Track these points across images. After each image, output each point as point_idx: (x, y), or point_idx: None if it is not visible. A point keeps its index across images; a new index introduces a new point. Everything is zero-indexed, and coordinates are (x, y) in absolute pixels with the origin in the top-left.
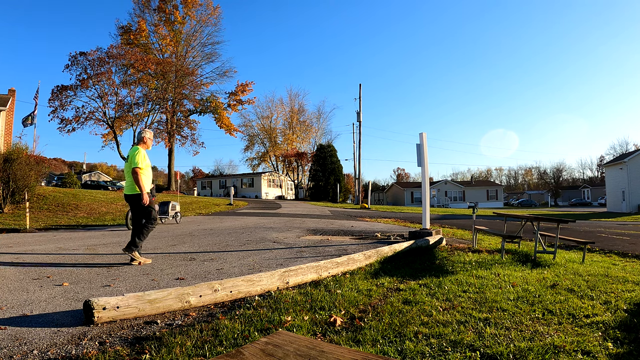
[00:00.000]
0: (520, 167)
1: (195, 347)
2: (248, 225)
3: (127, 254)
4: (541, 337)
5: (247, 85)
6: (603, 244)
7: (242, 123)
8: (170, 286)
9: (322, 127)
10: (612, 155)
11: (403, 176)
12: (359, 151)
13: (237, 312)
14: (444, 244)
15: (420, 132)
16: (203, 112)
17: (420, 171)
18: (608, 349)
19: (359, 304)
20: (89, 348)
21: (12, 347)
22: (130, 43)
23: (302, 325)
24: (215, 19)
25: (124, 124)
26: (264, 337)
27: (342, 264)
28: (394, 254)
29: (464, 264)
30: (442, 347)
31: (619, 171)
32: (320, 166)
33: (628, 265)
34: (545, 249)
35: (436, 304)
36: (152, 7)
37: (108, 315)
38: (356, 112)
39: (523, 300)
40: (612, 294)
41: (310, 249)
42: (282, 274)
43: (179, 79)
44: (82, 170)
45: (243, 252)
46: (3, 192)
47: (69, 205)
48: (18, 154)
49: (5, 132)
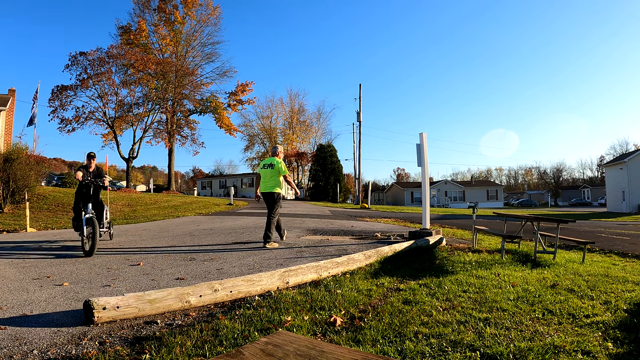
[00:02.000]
0: (520, 167)
1: (195, 347)
2: (248, 225)
3: (264, 244)
4: (541, 337)
5: (247, 85)
6: (603, 244)
7: (242, 123)
8: (170, 286)
9: (322, 127)
10: (612, 155)
11: (403, 176)
12: (359, 151)
13: (237, 312)
14: (444, 244)
15: (420, 132)
16: (203, 112)
17: (420, 171)
18: (608, 349)
19: (359, 304)
20: (89, 348)
21: (12, 347)
22: (130, 43)
23: (302, 325)
24: (215, 18)
25: (124, 124)
26: (264, 337)
27: (342, 264)
28: (394, 254)
29: (464, 264)
30: (442, 347)
31: (619, 171)
32: (320, 166)
33: (628, 265)
34: (545, 249)
35: (436, 304)
36: (152, 7)
37: (108, 315)
38: (356, 112)
39: (523, 300)
40: (612, 294)
41: (310, 248)
42: (282, 274)
43: (179, 79)
44: None
45: (243, 252)
46: (3, 192)
47: (69, 205)
48: (18, 154)
49: (5, 132)
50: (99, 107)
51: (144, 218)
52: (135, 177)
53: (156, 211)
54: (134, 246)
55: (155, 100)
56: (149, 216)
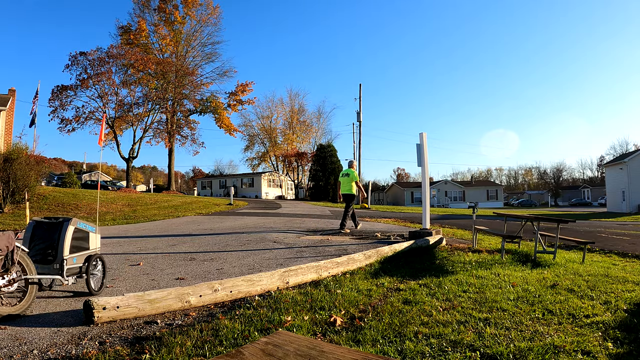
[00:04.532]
0: (520, 167)
1: (195, 347)
2: (248, 225)
3: (340, 229)
4: (541, 337)
5: (247, 85)
6: (603, 244)
7: (242, 123)
8: (170, 286)
9: (322, 127)
10: (612, 155)
11: (403, 176)
12: (359, 151)
13: (237, 312)
14: (444, 244)
15: (420, 132)
16: (203, 112)
17: (420, 171)
18: (608, 349)
19: (359, 304)
20: (89, 348)
21: (12, 346)
22: (130, 43)
23: (302, 325)
24: (215, 18)
25: (124, 124)
26: (264, 337)
27: (342, 264)
28: (394, 253)
29: (464, 264)
30: (442, 347)
31: (619, 171)
32: (320, 166)
33: (628, 265)
34: (545, 249)
35: (436, 304)
36: (152, 7)
37: (108, 315)
38: (356, 112)
39: (523, 300)
40: (612, 294)
41: (310, 248)
42: (282, 274)
43: (179, 79)
44: (82, 170)
45: (243, 252)
46: (3, 192)
47: (69, 205)
48: (18, 153)
49: (5, 132)
50: (99, 107)
51: (144, 218)
52: (135, 177)
53: (156, 211)
54: (134, 246)
55: (155, 100)
56: (149, 216)
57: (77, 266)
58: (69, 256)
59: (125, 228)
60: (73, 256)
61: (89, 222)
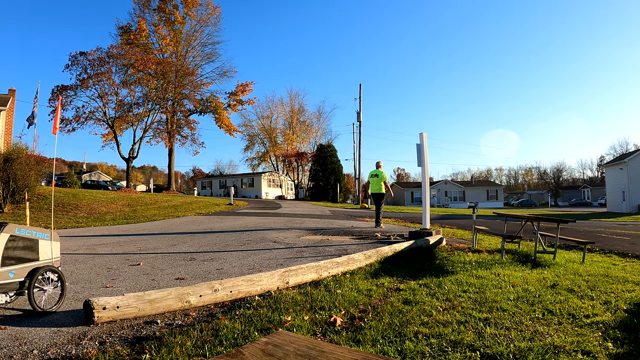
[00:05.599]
0: (520, 167)
1: (195, 347)
2: (248, 225)
3: (375, 227)
4: (541, 337)
5: (247, 85)
6: (603, 244)
7: (242, 123)
8: (170, 286)
9: (322, 127)
10: (612, 155)
11: (403, 176)
12: (359, 151)
13: (237, 312)
14: (444, 244)
15: (421, 132)
16: (203, 112)
17: (421, 171)
18: (608, 349)
19: (359, 304)
20: (89, 348)
21: (12, 346)
22: (130, 43)
23: (302, 325)
24: (215, 18)
25: (124, 123)
26: (264, 337)
27: (342, 264)
28: (394, 254)
29: (464, 264)
30: (442, 347)
31: (619, 171)
32: (320, 166)
33: (628, 265)
34: (545, 249)
35: (436, 304)
36: (152, 7)
37: (108, 315)
38: (356, 112)
39: (523, 300)
40: (612, 294)
41: (310, 249)
42: (282, 274)
43: (179, 79)
44: (82, 170)
45: (243, 252)
46: (3, 191)
47: (69, 205)
48: (18, 153)
49: (5, 132)
50: (99, 107)
51: (144, 218)
52: (135, 177)
53: (156, 211)
54: (134, 246)
55: (155, 100)
56: (149, 216)
57: (15, 281)
58: (2, 270)
59: (125, 228)
60: (9, 269)
61: (40, 228)
